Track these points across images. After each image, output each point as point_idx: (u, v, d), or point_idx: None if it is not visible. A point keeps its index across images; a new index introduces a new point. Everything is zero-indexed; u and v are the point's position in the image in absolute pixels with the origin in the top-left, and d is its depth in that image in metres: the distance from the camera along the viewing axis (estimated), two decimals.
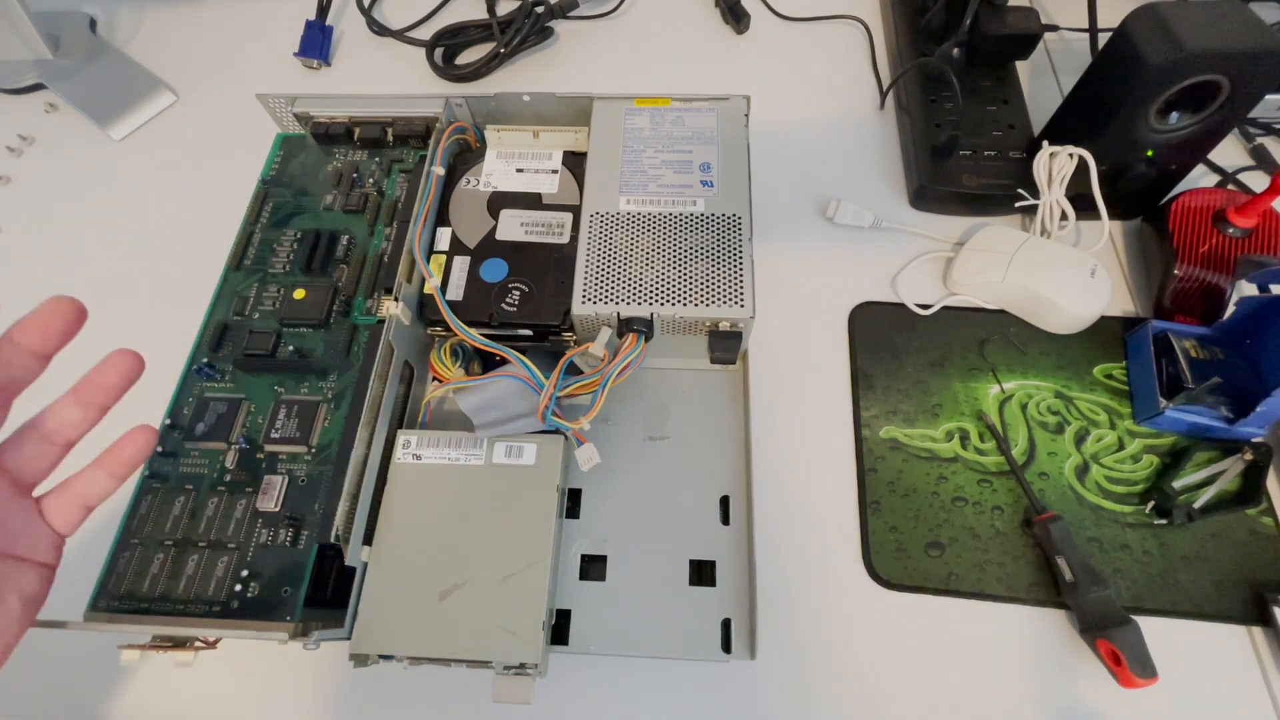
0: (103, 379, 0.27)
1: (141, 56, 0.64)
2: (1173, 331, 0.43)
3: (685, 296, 0.38)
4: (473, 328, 0.39)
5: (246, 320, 0.40)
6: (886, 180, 0.54)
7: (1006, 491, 0.42)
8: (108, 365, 0.27)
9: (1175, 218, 0.46)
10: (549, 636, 0.35)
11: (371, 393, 0.36)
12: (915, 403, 0.45)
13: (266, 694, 0.38)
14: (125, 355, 0.27)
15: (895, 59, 0.59)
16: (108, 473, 0.28)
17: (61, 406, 0.27)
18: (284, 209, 0.44)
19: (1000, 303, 0.48)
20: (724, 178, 0.42)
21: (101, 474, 0.28)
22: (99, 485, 0.28)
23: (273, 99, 0.46)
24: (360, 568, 0.35)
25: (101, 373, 0.27)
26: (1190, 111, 0.43)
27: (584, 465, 0.37)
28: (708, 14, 0.65)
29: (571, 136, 0.47)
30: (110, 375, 0.27)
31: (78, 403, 0.27)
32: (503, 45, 0.60)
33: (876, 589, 0.40)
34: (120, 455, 0.28)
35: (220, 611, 0.32)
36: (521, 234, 0.42)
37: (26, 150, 0.59)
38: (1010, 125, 0.53)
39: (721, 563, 0.39)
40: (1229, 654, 0.38)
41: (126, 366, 0.27)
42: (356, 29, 0.66)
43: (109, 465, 0.28)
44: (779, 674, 0.38)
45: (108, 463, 0.28)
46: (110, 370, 0.27)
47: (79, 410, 0.27)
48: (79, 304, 0.26)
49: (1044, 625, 0.39)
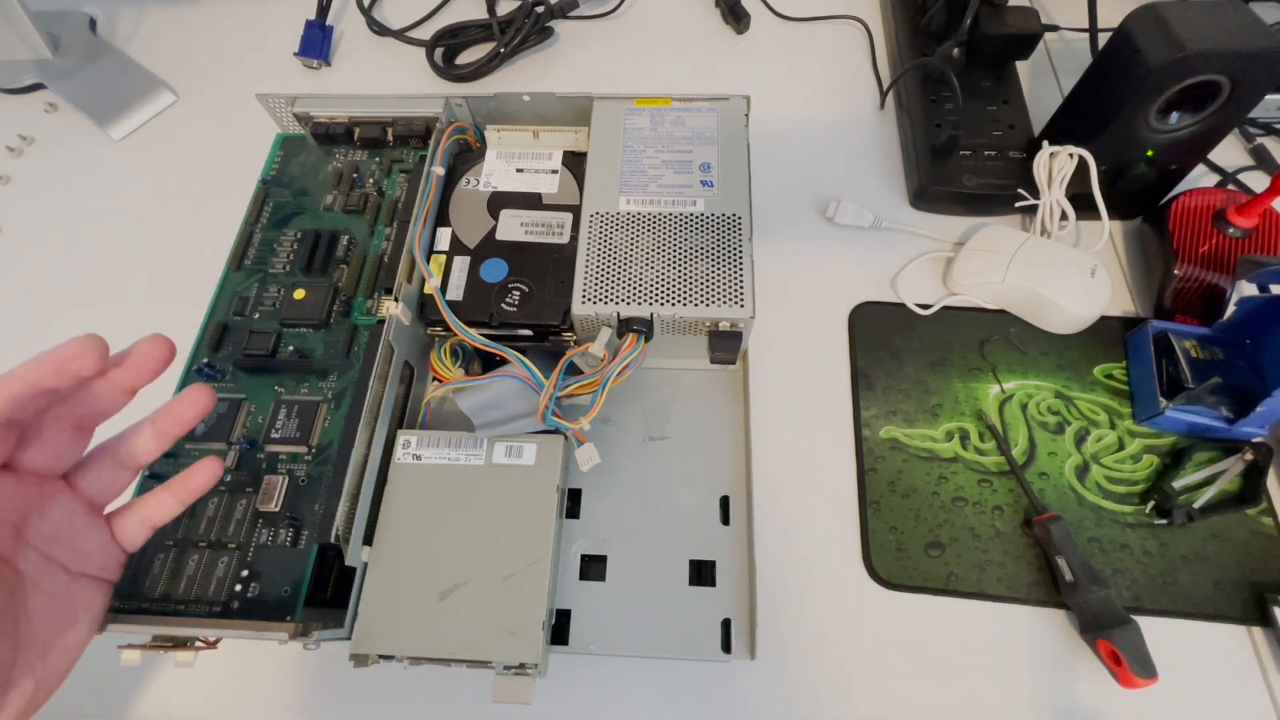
0: (181, 414, 0.28)
1: (141, 56, 0.64)
2: (1173, 331, 0.43)
3: (685, 296, 0.38)
4: (473, 328, 0.39)
5: (246, 320, 0.40)
6: (886, 180, 0.54)
7: (1006, 491, 0.42)
8: (186, 402, 0.28)
9: (1175, 218, 0.46)
10: (549, 636, 0.35)
11: (371, 393, 0.36)
12: (915, 403, 0.45)
13: (267, 694, 0.38)
14: (202, 391, 0.28)
15: (895, 59, 0.59)
16: (177, 499, 0.29)
17: (139, 436, 0.28)
18: (284, 209, 0.44)
19: (1000, 303, 0.48)
20: (724, 178, 0.42)
21: (170, 499, 0.29)
22: (166, 509, 0.29)
23: (273, 99, 0.46)
24: (360, 568, 0.35)
25: (180, 407, 0.28)
26: (1190, 111, 0.43)
27: (584, 465, 0.37)
28: (708, 14, 0.65)
29: (571, 136, 0.47)
30: (188, 410, 0.28)
31: (155, 434, 0.28)
32: (503, 45, 0.60)
33: (876, 589, 0.40)
34: (190, 483, 0.29)
35: (220, 611, 0.32)
36: (521, 234, 0.42)
37: (26, 150, 0.59)
38: (1010, 125, 0.53)
39: (721, 563, 0.39)
40: (1229, 654, 0.38)
41: (204, 404, 0.28)
42: (356, 29, 0.66)
43: (179, 492, 0.29)
44: (779, 674, 0.38)
45: (178, 490, 0.29)
46: (188, 406, 0.28)
47: (154, 441, 0.28)
48: (171, 345, 0.27)
49: (1044, 625, 0.39)
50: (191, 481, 0.29)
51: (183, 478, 0.29)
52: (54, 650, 0.25)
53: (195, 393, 0.28)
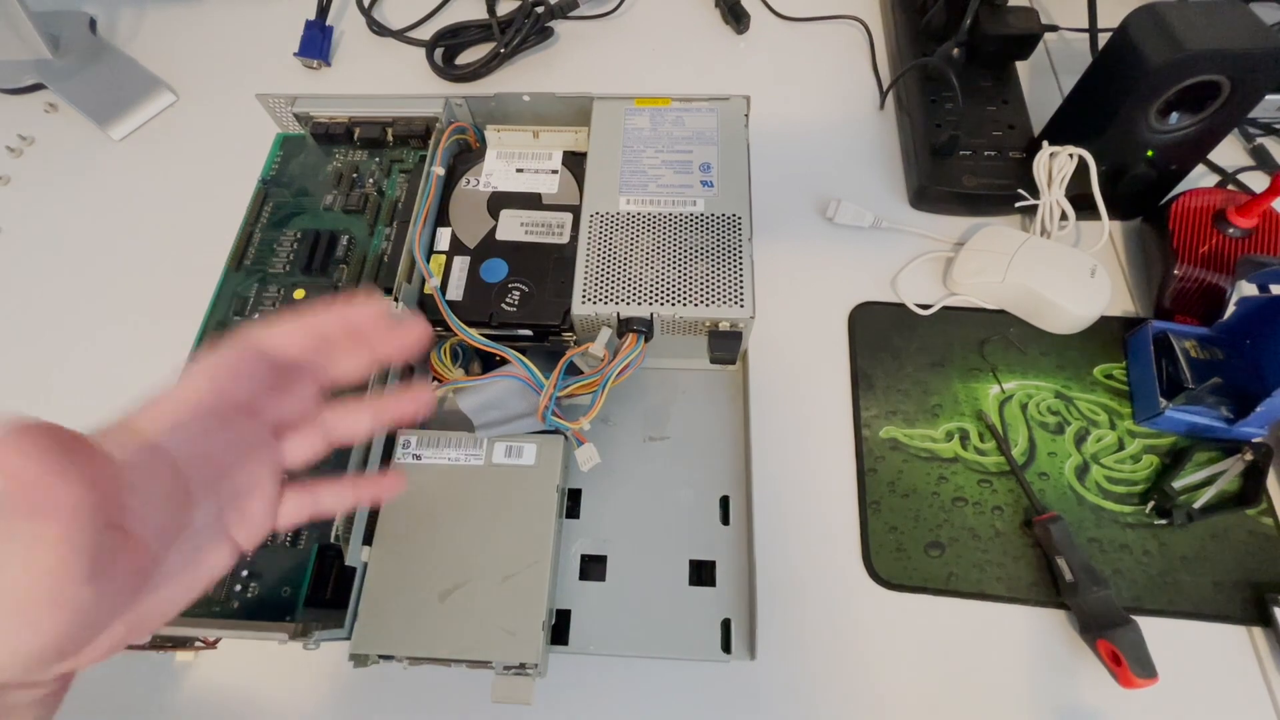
0: (404, 407, 0.27)
1: (141, 56, 0.64)
2: (1173, 331, 0.43)
3: (685, 296, 0.38)
4: (473, 328, 0.39)
5: (246, 320, 0.40)
6: (886, 180, 0.54)
7: (1006, 491, 0.42)
8: (413, 397, 0.27)
9: (1175, 218, 0.45)
10: (549, 636, 0.35)
11: (371, 393, 0.36)
12: (915, 403, 0.45)
13: (266, 694, 0.38)
14: (427, 392, 0.27)
15: (895, 59, 0.59)
16: (354, 497, 0.27)
17: (355, 414, 0.26)
18: (284, 209, 0.44)
19: (1000, 303, 0.48)
20: (724, 178, 0.42)
21: (348, 495, 0.27)
22: (340, 502, 0.27)
23: (273, 99, 0.46)
24: (360, 568, 0.35)
25: (407, 402, 0.27)
26: (1190, 111, 0.43)
27: (584, 465, 0.37)
28: (708, 14, 0.65)
29: (571, 136, 0.47)
30: (411, 405, 0.27)
31: (372, 414, 0.27)
32: (503, 45, 0.60)
33: (876, 589, 0.40)
34: (373, 489, 0.28)
35: (220, 611, 0.32)
36: (521, 234, 0.42)
37: (26, 150, 0.59)
38: (1010, 125, 0.53)
39: (721, 563, 0.39)
40: (1229, 654, 0.38)
41: (427, 403, 0.27)
42: (356, 29, 0.66)
43: (361, 493, 0.28)
44: (779, 674, 0.38)
45: (363, 491, 0.28)
46: (413, 401, 0.27)
47: (369, 422, 0.27)
48: (431, 336, 0.26)
49: (1044, 625, 0.39)
50: (375, 487, 0.28)
51: (368, 483, 0.27)
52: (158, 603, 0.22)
53: (423, 393, 0.27)
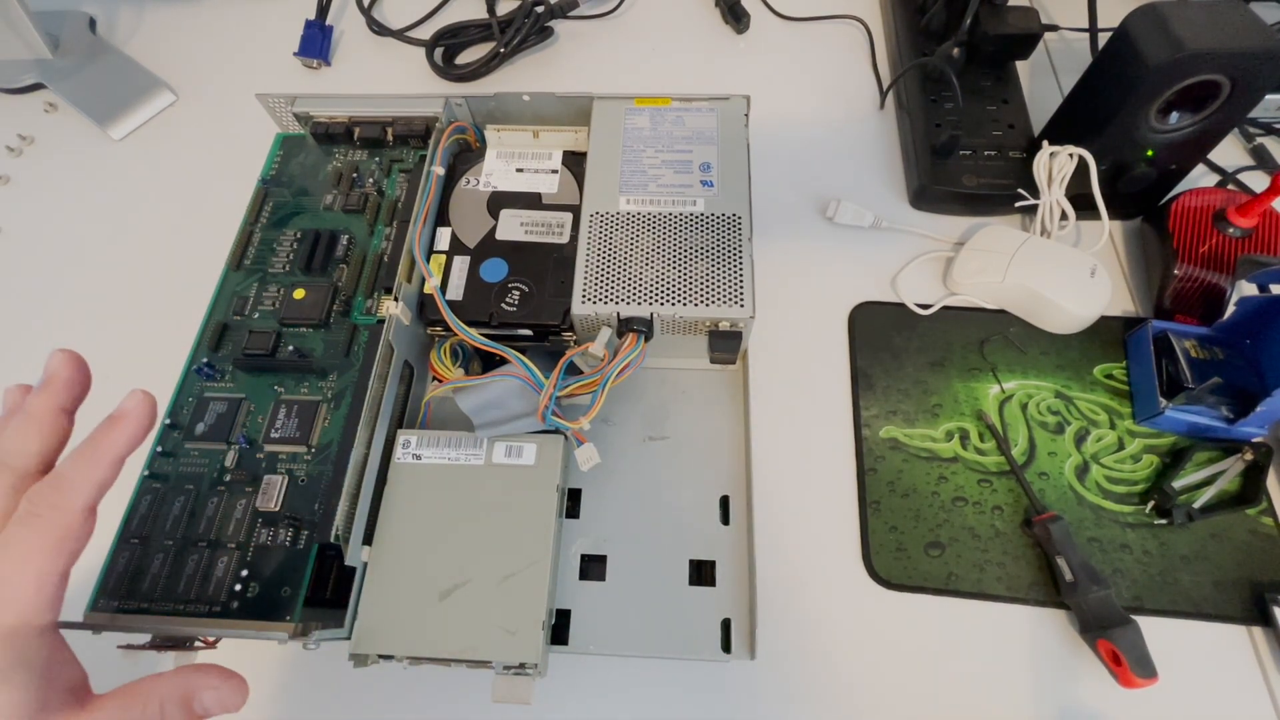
0: (115, 441, 0.26)
1: (141, 56, 0.64)
2: (1173, 331, 0.43)
3: (685, 296, 0.38)
4: (473, 328, 0.39)
5: (246, 320, 0.40)
6: (886, 180, 0.54)
7: (1006, 491, 0.42)
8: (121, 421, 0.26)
9: (1175, 218, 0.46)
10: (549, 636, 0.35)
11: (371, 393, 0.36)
12: (915, 403, 0.45)
13: (266, 694, 0.38)
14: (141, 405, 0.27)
15: (895, 59, 0.59)
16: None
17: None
18: (284, 209, 0.44)
19: (1000, 303, 0.48)
20: (724, 178, 0.42)
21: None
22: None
23: (273, 99, 0.46)
24: (360, 568, 0.35)
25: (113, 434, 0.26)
26: (1190, 111, 0.43)
27: (584, 465, 0.37)
28: (708, 14, 0.65)
29: (571, 136, 0.47)
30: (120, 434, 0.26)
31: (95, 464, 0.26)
32: (503, 45, 0.60)
33: (876, 589, 0.40)
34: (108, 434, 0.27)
35: (220, 611, 0.32)
36: (521, 234, 0.42)
37: (26, 150, 0.59)
38: (1010, 125, 0.53)
39: (721, 563, 0.39)
40: (1229, 654, 0.38)
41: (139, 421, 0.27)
42: (356, 29, 0.66)
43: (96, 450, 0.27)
44: (779, 674, 0.38)
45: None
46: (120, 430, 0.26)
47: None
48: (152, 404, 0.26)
49: (1044, 625, 0.39)
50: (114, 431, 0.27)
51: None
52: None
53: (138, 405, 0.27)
